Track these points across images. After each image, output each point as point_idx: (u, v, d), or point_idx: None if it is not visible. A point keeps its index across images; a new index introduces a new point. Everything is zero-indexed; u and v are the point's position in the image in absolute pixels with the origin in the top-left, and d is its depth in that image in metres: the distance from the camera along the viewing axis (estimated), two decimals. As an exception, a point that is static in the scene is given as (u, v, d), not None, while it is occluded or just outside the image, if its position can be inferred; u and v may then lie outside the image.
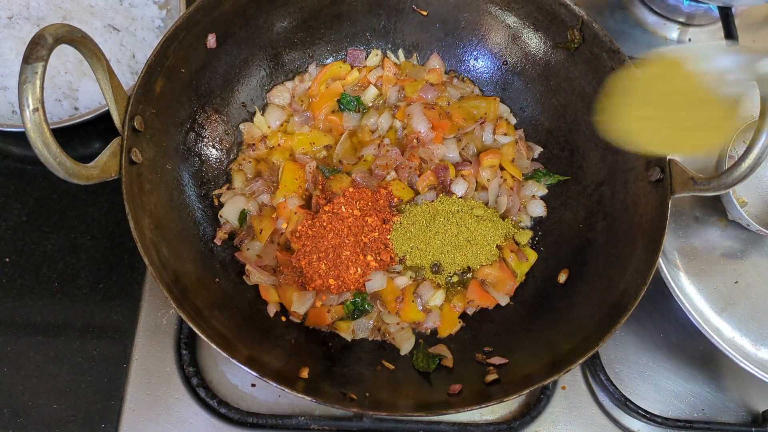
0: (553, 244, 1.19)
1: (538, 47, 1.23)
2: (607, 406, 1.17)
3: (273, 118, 1.24)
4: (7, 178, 1.26)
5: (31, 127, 0.71)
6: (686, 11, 1.63)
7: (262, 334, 1.02)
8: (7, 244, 1.20)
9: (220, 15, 1.10)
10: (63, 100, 1.24)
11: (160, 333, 1.13)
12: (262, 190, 1.16)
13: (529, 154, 1.26)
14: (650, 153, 0.99)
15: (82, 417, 1.07)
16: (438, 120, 1.24)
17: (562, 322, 1.05)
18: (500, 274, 1.14)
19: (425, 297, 1.12)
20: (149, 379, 1.09)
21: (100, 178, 0.85)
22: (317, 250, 1.08)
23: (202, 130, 1.15)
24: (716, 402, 1.20)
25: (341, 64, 1.30)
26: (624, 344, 1.22)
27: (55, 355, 1.11)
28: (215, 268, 1.07)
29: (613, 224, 1.09)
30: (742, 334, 1.12)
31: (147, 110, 0.98)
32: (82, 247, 1.20)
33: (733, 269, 1.17)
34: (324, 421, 1.07)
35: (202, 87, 1.13)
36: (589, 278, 1.08)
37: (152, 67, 0.98)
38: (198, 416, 1.07)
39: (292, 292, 1.07)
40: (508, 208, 1.20)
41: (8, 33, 1.26)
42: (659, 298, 1.17)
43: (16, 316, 1.14)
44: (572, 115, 1.21)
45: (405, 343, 1.08)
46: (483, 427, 1.10)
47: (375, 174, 1.19)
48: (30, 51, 0.71)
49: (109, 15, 1.33)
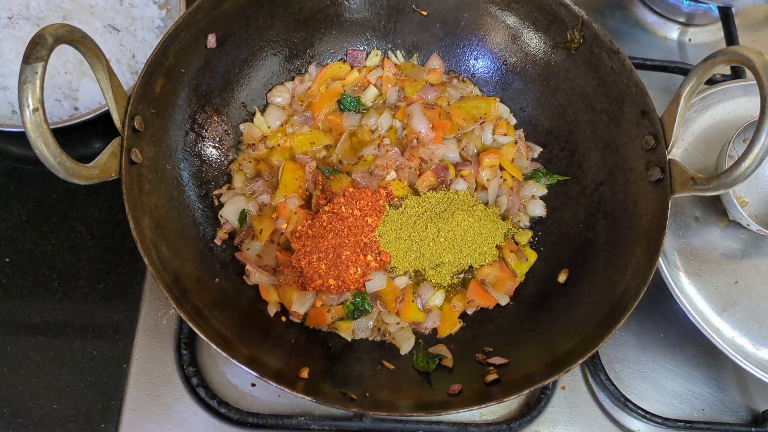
0: (553, 244, 1.19)
1: (538, 47, 1.23)
2: (607, 406, 1.17)
3: (273, 118, 1.24)
4: (7, 178, 1.26)
5: (31, 127, 0.71)
6: (686, 11, 1.63)
7: (262, 334, 1.02)
8: (7, 244, 1.20)
9: (220, 15, 1.10)
10: (63, 100, 1.24)
11: (160, 333, 1.13)
12: (262, 190, 1.16)
13: (529, 154, 1.26)
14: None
15: (82, 417, 1.07)
16: (438, 120, 1.24)
17: (562, 322, 1.05)
18: (500, 274, 1.14)
19: (425, 297, 1.12)
20: (149, 379, 1.09)
21: (100, 178, 0.85)
22: (317, 250, 1.08)
23: (202, 130, 1.15)
24: (716, 402, 1.20)
25: (341, 65, 1.30)
26: (624, 344, 1.22)
27: (55, 355, 1.11)
28: (215, 268, 1.07)
29: (613, 224, 1.09)
30: (742, 334, 1.12)
31: (147, 110, 0.98)
32: (82, 247, 1.20)
33: (733, 269, 1.17)
34: (324, 421, 1.07)
35: (202, 87, 1.13)
36: (589, 278, 1.08)
37: (152, 67, 0.98)
38: (198, 416, 1.07)
39: (292, 292, 1.07)
40: (508, 208, 1.20)
41: (8, 33, 1.26)
42: (659, 298, 1.17)
43: (16, 316, 1.14)
44: (572, 115, 1.21)
45: (405, 342, 1.08)
46: (483, 427, 1.10)
47: (375, 174, 1.19)
48: (30, 51, 0.71)
49: (109, 15, 1.33)
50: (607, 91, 1.12)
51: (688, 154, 1.26)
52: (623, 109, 1.09)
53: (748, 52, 0.86)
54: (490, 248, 1.15)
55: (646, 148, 1.03)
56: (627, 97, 1.08)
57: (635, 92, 1.06)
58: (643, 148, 1.04)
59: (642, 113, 1.05)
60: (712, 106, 1.29)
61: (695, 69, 0.95)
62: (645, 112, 1.04)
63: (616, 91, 1.10)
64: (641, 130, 1.05)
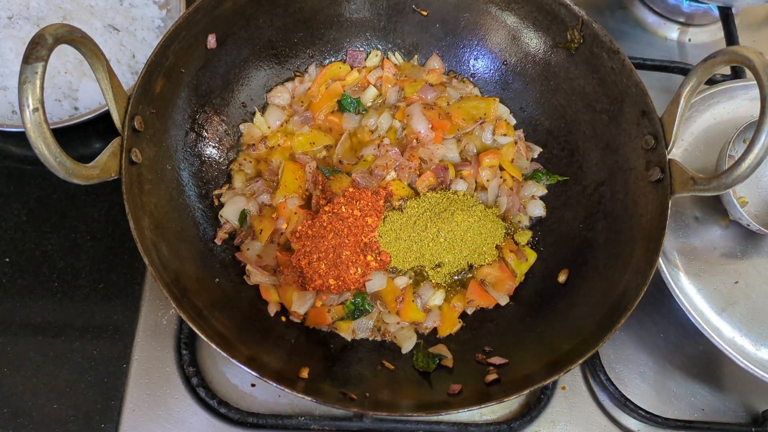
0: (553, 244, 1.19)
1: (538, 47, 1.23)
2: (607, 406, 1.17)
3: (273, 118, 1.24)
4: (7, 178, 1.26)
5: (31, 127, 0.71)
6: (686, 11, 1.63)
7: (262, 334, 1.02)
8: (7, 244, 1.20)
9: (220, 15, 1.10)
10: (63, 100, 1.24)
11: (160, 333, 1.13)
12: (262, 190, 1.16)
13: (529, 154, 1.26)
14: None
15: (82, 417, 1.07)
16: (438, 120, 1.24)
17: (562, 322, 1.05)
18: (500, 274, 1.14)
19: (425, 297, 1.12)
20: (149, 379, 1.09)
21: (100, 178, 0.85)
22: (317, 250, 1.08)
23: (202, 130, 1.15)
24: (716, 402, 1.20)
25: (341, 65, 1.30)
26: (624, 344, 1.22)
27: (55, 355, 1.11)
28: (215, 268, 1.07)
29: (613, 224, 1.09)
30: (742, 334, 1.12)
31: (147, 110, 0.98)
32: (82, 247, 1.20)
33: (733, 269, 1.17)
34: (324, 421, 1.07)
35: (202, 87, 1.13)
36: (589, 278, 1.08)
37: (152, 67, 0.98)
38: (198, 416, 1.07)
39: (292, 292, 1.07)
40: (508, 208, 1.20)
41: (8, 33, 1.26)
42: (659, 298, 1.17)
43: (16, 316, 1.14)
44: (572, 115, 1.21)
45: (407, 341, 1.08)
46: (483, 427, 1.10)
47: (375, 174, 1.19)
48: (30, 51, 0.71)
49: (109, 15, 1.33)
50: (607, 91, 1.12)
51: (688, 154, 1.26)
52: (623, 109, 1.09)
53: (748, 52, 0.86)
54: (490, 248, 1.15)
55: (646, 148, 1.03)
56: (627, 97, 1.08)
57: (635, 92, 1.06)
58: (643, 148, 1.04)
59: (642, 113, 1.05)
60: (712, 106, 1.29)
61: (695, 69, 0.95)
62: (645, 112, 1.04)
63: (616, 91, 1.10)
64: (641, 130, 1.05)
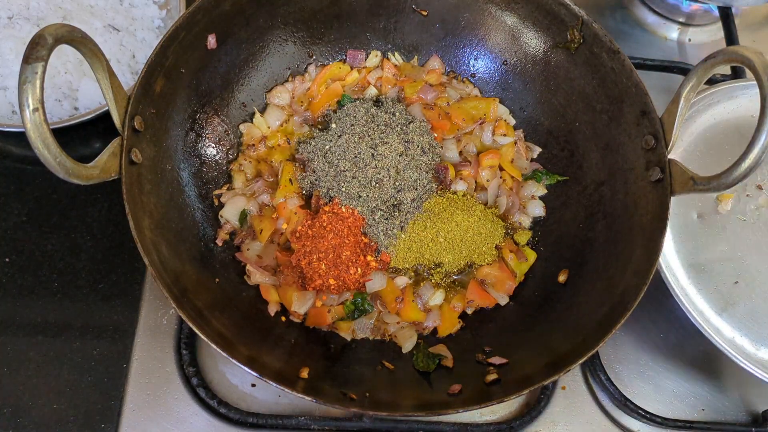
0: (553, 244, 1.19)
1: (538, 47, 1.23)
2: (607, 406, 1.17)
3: (273, 118, 1.24)
4: (7, 178, 1.26)
5: (31, 127, 0.71)
6: (686, 11, 1.63)
7: (262, 334, 1.02)
8: (7, 244, 1.20)
9: (220, 15, 1.10)
10: (63, 100, 1.24)
11: (160, 333, 1.13)
12: (262, 190, 1.16)
13: (528, 154, 1.26)
14: None
15: (82, 417, 1.07)
16: (437, 120, 1.23)
17: (562, 322, 1.05)
18: (499, 274, 1.14)
19: (425, 297, 1.12)
20: (149, 379, 1.09)
21: (100, 178, 0.85)
22: (317, 250, 1.08)
23: (202, 130, 1.15)
24: (716, 402, 1.20)
25: (341, 65, 1.30)
26: (624, 344, 1.22)
27: (55, 355, 1.11)
28: (215, 268, 1.07)
29: (613, 224, 1.09)
30: (742, 334, 1.12)
31: (147, 110, 0.98)
32: (82, 247, 1.20)
33: (733, 269, 1.17)
34: (324, 421, 1.07)
35: (202, 87, 1.13)
36: (589, 278, 1.08)
37: (152, 67, 0.98)
38: (198, 416, 1.07)
39: (293, 292, 1.07)
40: (508, 208, 1.20)
41: (8, 33, 1.26)
42: (659, 298, 1.17)
43: (16, 316, 1.14)
44: (572, 115, 1.21)
45: (407, 341, 1.08)
46: (483, 427, 1.10)
47: (375, 174, 1.19)
48: (30, 51, 0.71)
49: (109, 15, 1.33)
50: (607, 91, 1.12)
51: (688, 154, 1.26)
52: (623, 109, 1.09)
53: (748, 52, 0.86)
54: (490, 248, 1.15)
55: (646, 148, 1.03)
56: (627, 97, 1.08)
57: (635, 92, 1.06)
58: (643, 148, 1.04)
59: (642, 113, 1.05)
60: (712, 106, 1.29)
61: (695, 69, 0.95)
62: (645, 112, 1.04)
63: (616, 91, 1.10)
64: (641, 130, 1.05)
